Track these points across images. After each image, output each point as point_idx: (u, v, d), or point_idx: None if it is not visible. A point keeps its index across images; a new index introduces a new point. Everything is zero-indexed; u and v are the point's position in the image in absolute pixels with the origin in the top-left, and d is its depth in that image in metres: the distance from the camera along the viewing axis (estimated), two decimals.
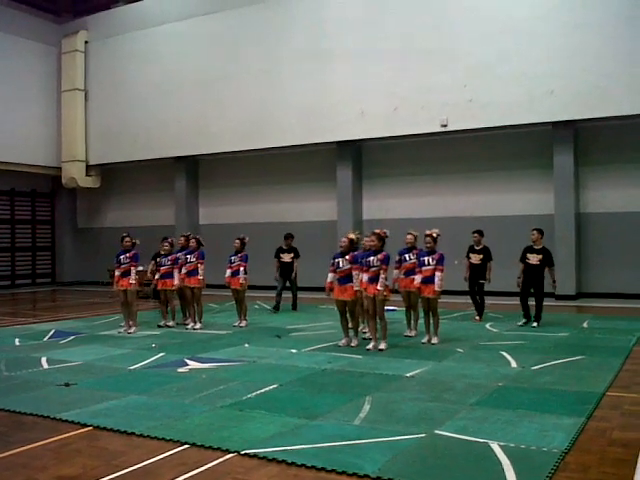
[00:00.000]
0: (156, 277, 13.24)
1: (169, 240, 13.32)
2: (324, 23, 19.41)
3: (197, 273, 12.74)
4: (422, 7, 17.99)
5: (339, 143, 19.52)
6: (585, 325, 12.30)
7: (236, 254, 13.02)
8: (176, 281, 12.87)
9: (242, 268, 12.86)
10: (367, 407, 6.63)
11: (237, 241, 13.08)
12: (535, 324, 12.11)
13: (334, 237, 19.19)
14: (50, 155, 24.16)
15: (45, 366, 9.14)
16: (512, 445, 5.37)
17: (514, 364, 8.70)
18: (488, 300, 13.63)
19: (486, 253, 12.90)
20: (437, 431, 5.80)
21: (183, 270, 12.84)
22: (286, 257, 15.38)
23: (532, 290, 12.28)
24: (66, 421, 6.31)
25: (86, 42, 24.21)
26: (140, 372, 8.67)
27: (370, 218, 19.44)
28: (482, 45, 17.11)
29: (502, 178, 17.98)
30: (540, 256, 12.12)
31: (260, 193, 21.67)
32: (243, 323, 12.93)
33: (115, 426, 6.08)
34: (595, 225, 16.97)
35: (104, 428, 6.05)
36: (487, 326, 12.31)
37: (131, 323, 12.32)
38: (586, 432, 5.75)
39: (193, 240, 13.04)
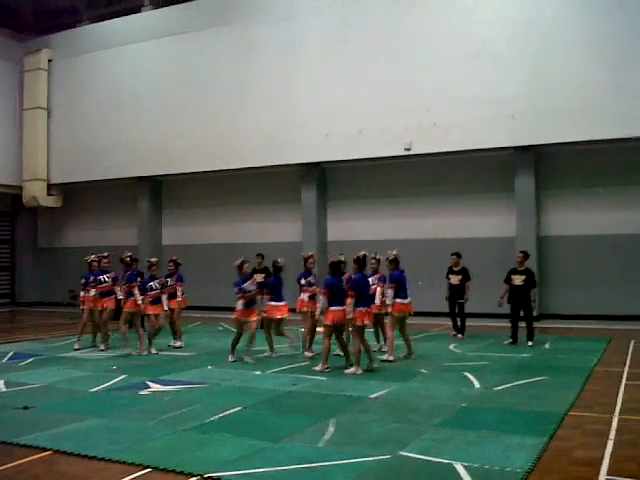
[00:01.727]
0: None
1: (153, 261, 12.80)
2: (289, 46, 19.50)
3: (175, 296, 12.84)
4: (386, 32, 18.19)
5: (304, 165, 19.57)
6: (547, 346, 12.43)
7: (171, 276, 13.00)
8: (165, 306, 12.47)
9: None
10: (332, 429, 6.60)
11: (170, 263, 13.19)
12: (530, 343, 12.33)
13: (299, 258, 19.14)
14: (11, 173, 23.76)
15: (3, 389, 8.94)
16: (476, 465, 5.39)
17: (477, 385, 8.76)
18: (450, 322, 13.86)
19: (465, 274, 13.63)
20: (402, 452, 5.80)
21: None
22: (258, 277, 15.40)
23: (521, 311, 12.67)
24: (24, 445, 6.16)
25: (49, 60, 24.00)
26: (101, 395, 8.53)
27: (335, 239, 19.47)
28: (445, 69, 17.34)
29: (465, 201, 18.17)
30: (524, 277, 12.49)
31: (225, 214, 21.58)
32: (178, 343, 12.92)
33: (75, 450, 5.96)
34: (556, 248, 17.22)
35: (64, 452, 5.93)
36: (451, 347, 12.38)
37: (109, 343, 12.51)
38: (548, 452, 5.80)
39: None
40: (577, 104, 16.03)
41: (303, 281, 11.61)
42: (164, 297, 12.42)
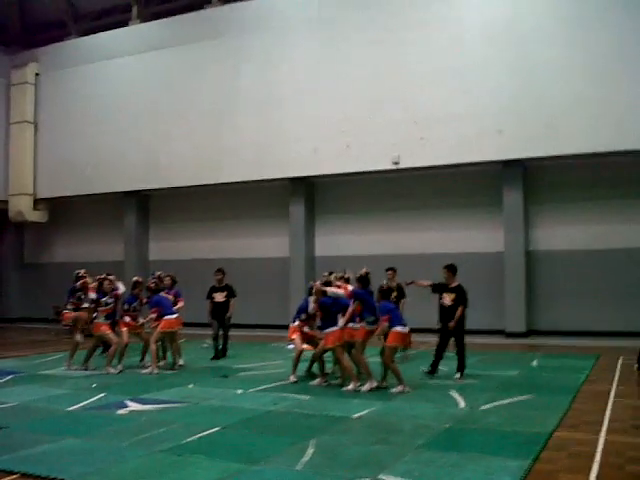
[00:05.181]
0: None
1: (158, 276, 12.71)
2: (277, 61, 19.49)
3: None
4: (373, 47, 18.18)
5: (292, 179, 19.46)
6: (535, 363, 12.30)
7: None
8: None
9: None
10: (311, 450, 6.42)
11: (168, 278, 12.83)
12: (458, 375, 10.56)
13: (286, 274, 19.07)
14: None
15: None
16: None
17: (462, 404, 8.60)
18: (431, 338, 11.99)
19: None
20: (381, 475, 5.62)
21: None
22: (219, 297, 13.51)
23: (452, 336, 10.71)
24: None
25: (37, 74, 23.89)
26: (78, 413, 8.33)
27: (323, 255, 19.35)
28: (433, 83, 17.34)
29: (453, 216, 18.08)
30: (453, 295, 10.64)
31: (213, 229, 21.41)
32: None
33: (44, 473, 5.75)
34: (544, 263, 17.12)
35: (31, 475, 5.72)
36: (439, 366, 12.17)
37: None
38: (532, 475, 5.63)
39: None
40: (564, 118, 16.03)
41: None
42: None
